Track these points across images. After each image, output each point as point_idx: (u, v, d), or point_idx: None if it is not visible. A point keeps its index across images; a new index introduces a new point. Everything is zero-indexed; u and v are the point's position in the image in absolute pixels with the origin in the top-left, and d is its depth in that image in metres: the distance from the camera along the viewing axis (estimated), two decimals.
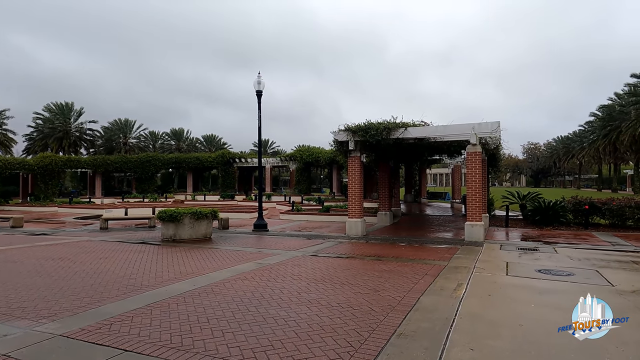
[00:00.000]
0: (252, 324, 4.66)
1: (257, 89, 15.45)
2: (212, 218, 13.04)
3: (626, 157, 52.23)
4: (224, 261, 8.71)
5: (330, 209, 21.39)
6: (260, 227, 15.19)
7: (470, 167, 12.22)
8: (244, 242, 12.18)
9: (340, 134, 13.51)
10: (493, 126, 11.94)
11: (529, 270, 7.83)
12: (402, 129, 12.72)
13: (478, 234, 12.00)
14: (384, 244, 11.67)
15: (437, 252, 10.10)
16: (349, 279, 6.94)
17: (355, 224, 13.58)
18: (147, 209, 26.93)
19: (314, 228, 16.08)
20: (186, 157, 39.89)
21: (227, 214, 21.45)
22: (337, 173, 36.28)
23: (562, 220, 15.25)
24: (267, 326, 4.57)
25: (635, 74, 33.36)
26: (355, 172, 13.64)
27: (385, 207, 17.13)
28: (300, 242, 12.01)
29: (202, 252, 10.10)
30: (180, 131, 75.63)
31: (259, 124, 15.57)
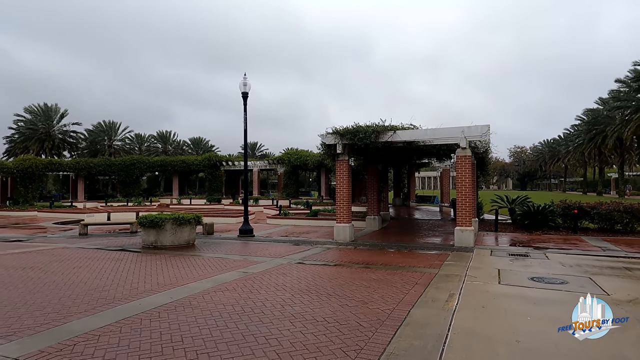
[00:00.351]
0: (231, 343, 4.29)
1: (242, 90, 15.08)
2: (195, 223, 12.60)
3: (610, 160, 53.00)
4: (206, 270, 8.30)
5: (318, 213, 21.05)
6: (245, 233, 14.78)
7: (460, 171, 12.00)
8: (229, 248, 11.76)
9: (328, 137, 13.20)
10: (483, 129, 11.75)
11: (521, 278, 7.59)
12: (390, 133, 12.46)
13: (468, 239, 11.78)
14: (372, 250, 11.36)
15: (427, 259, 9.83)
16: (336, 289, 6.60)
17: (343, 229, 13.26)
18: (130, 213, 26.18)
19: (302, 233, 15.72)
20: (172, 160, 39.19)
21: (212, 218, 20.97)
22: (325, 176, 35.99)
23: (552, 225, 15.14)
24: (246, 346, 4.21)
25: (619, 79, 33.85)
26: (343, 176, 13.33)
27: (374, 212, 16.85)
28: (286, 249, 11.64)
29: (184, 260, 9.67)
30: (166, 134, 74.63)
31: (245, 126, 15.19)
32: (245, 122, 15.15)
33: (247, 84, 15.07)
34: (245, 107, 15.13)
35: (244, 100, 15.12)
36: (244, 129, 15.18)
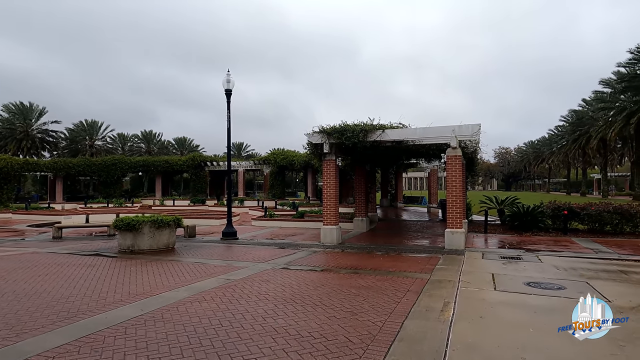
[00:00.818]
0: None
1: (226, 87, 14.52)
2: (175, 226, 11.99)
3: (593, 161, 53.71)
4: (183, 277, 7.75)
5: (304, 215, 20.57)
6: (229, 235, 14.21)
7: (450, 172, 11.66)
8: (210, 252, 11.20)
9: (314, 136, 12.74)
10: (474, 129, 11.43)
11: (517, 283, 7.23)
12: (379, 132, 12.07)
13: (459, 241, 11.44)
14: (360, 254, 10.93)
15: (417, 263, 9.43)
16: (323, 298, 6.13)
17: (330, 231, 12.81)
18: (110, 215, 25.35)
19: (287, 235, 15.22)
20: (154, 160, 38.19)
21: (195, 220, 20.32)
22: (312, 177, 35.51)
23: (541, 226, 14.94)
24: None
25: (603, 80, 34.15)
26: (331, 177, 12.88)
27: (362, 213, 16.44)
28: (271, 252, 11.13)
29: (161, 265, 9.08)
30: (150, 134, 73.24)
31: (228, 125, 14.63)
32: (228, 121, 14.59)
33: (231, 80, 14.51)
34: (228, 104, 14.57)
35: (227, 98, 14.56)
36: (227, 127, 14.62)
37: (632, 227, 14.05)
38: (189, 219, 20.64)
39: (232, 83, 14.60)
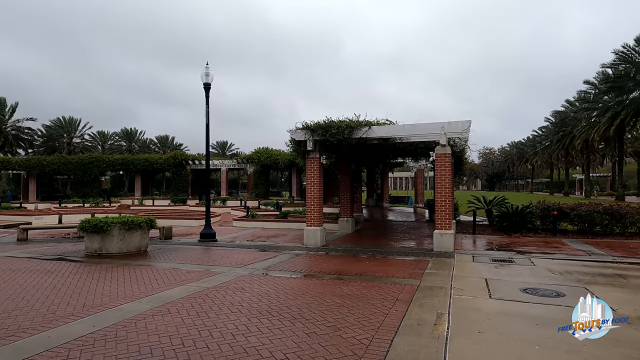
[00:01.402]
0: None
1: (204, 81, 13.77)
2: (147, 228, 11.20)
3: (576, 162, 54.30)
4: (151, 284, 7.03)
5: (288, 215, 19.90)
6: (207, 237, 13.47)
7: (439, 171, 11.16)
8: (185, 256, 10.46)
9: (297, 133, 12.10)
10: (464, 126, 10.94)
11: (513, 289, 6.73)
12: (365, 128, 11.49)
13: (448, 243, 10.94)
14: (345, 257, 10.33)
15: (405, 267, 8.87)
16: (303, 309, 5.50)
17: (314, 233, 12.19)
18: (85, 215, 24.28)
19: (269, 237, 14.54)
20: (134, 159, 36.95)
21: (174, 221, 19.48)
22: (296, 176, 34.83)
23: (530, 227, 14.57)
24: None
25: (588, 81, 34.34)
26: (314, 175, 12.26)
27: (347, 213, 15.87)
28: (250, 255, 10.45)
29: (129, 271, 8.32)
30: (132, 131, 71.54)
31: (207, 120, 13.87)
32: (207, 116, 13.84)
33: (210, 74, 13.77)
34: (207, 99, 13.82)
35: (206, 92, 13.81)
36: (205, 123, 13.87)
37: (621, 227, 13.79)
38: (167, 219, 19.78)
39: (211, 76, 13.86)
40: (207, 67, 13.75)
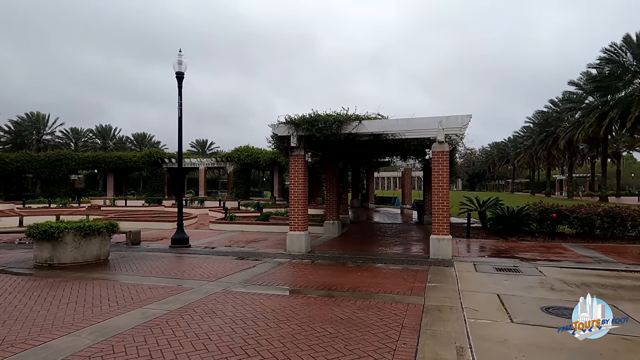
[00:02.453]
0: None
1: (177, 70, 12.44)
2: (108, 233, 9.84)
3: (558, 162, 54.61)
4: (101, 307, 5.75)
5: (269, 217, 18.68)
6: (179, 243, 12.16)
7: (436, 170, 10.15)
8: (151, 266, 9.15)
9: (280, 128, 10.91)
10: (463, 120, 9.95)
11: (533, 309, 5.74)
12: (355, 123, 10.40)
13: (446, 250, 9.94)
14: (334, 266, 9.21)
15: (403, 278, 7.81)
16: (287, 345, 4.33)
17: (298, 238, 11.03)
18: (50, 217, 22.48)
19: (249, 242, 13.30)
20: (106, 156, 34.94)
21: (145, 223, 18.02)
22: (278, 175, 33.55)
23: (527, 230, 13.76)
24: None
25: (572, 81, 34.12)
26: (299, 175, 11.10)
27: (333, 215, 14.75)
28: (226, 265, 9.23)
29: (79, 287, 7.00)
30: (107, 128, 69.00)
31: (180, 113, 12.55)
32: (180, 109, 12.52)
33: (183, 62, 12.45)
34: (180, 90, 12.50)
35: (179, 82, 12.49)
36: (178, 116, 12.55)
37: (622, 230, 13.09)
38: (138, 221, 18.30)
39: (185, 65, 12.54)
40: (179, 54, 12.43)
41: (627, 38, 26.45)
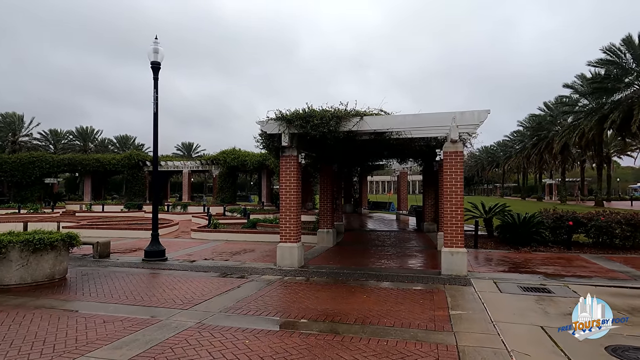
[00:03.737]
0: None
1: (153, 59, 10.99)
2: (65, 247, 8.30)
3: (547, 166, 54.16)
4: (26, 356, 4.27)
5: (256, 224, 17.22)
6: (153, 255, 10.67)
7: (449, 173, 8.87)
8: (115, 287, 7.65)
9: (269, 125, 9.53)
10: (481, 116, 8.71)
11: (596, 350, 4.49)
12: (356, 119, 9.08)
13: (460, 265, 8.66)
14: (333, 286, 7.83)
15: (419, 304, 6.48)
16: None
17: (290, 250, 9.63)
18: (17, 224, 20.64)
19: (234, 253, 11.85)
20: (83, 159, 32.90)
21: (120, 231, 16.41)
22: (266, 179, 32.05)
23: (538, 239, 12.58)
24: None
25: (568, 84, 33.47)
26: (291, 178, 9.72)
27: (327, 224, 13.38)
28: (206, 284, 7.79)
29: (11, 322, 5.49)
30: (88, 130, 66.48)
31: (155, 108, 11.08)
32: (155, 103, 11.05)
33: (159, 50, 11.00)
34: (156, 82, 11.04)
35: (155, 74, 11.03)
36: (153, 111, 11.08)
37: None
38: (112, 229, 16.67)
39: (161, 54, 11.09)
40: (155, 41, 10.97)
41: (627, 39, 25.74)
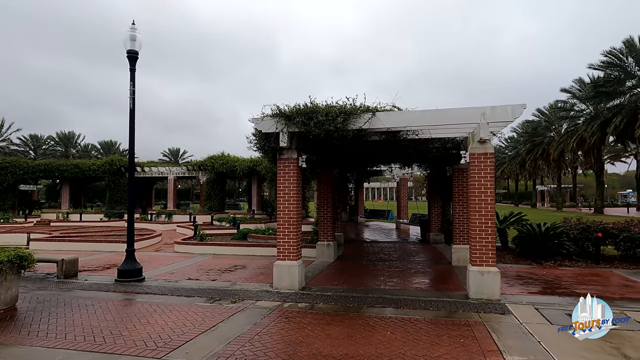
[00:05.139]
0: None
1: (129, 47, 9.52)
2: (13, 270, 6.74)
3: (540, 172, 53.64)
4: None
5: (247, 235, 15.70)
6: (128, 275, 9.13)
7: (477, 179, 7.57)
8: (75, 321, 6.13)
9: (265, 122, 8.11)
10: (515, 112, 7.42)
11: None
12: (368, 115, 7.72)
13: (493, 287, 7.34)
14: (345, 317, 6.40)
15: (460, 343, 5.10)
16: None
17: (289, 270, 8.20)
18: None
19: (223, 271, 10.36)
20: (60, 164, 30.88)
21: (96, 244, 14.76)
22: (257, 186, 30.49)
23: (563, 252, 11.35)
24: None
25: (565, 89, 32.80)
26: (290, 185, 8.32)
27: (328, 235, 11.98)
28: (189, 316, 6.30)
29: None
30: (69, 135, 64.27)
31: (132, 104, 9.58)
32: (132, 98, 9.56)
33: (137, 37, 9.53)
34: (132, 74, 9.57)
35: (132, 64, 9.57)
36: (129, 107, 9.58)
37: None
38: (87, 242, 14.99)
39: (139, 42, 9.63)
40: (132, 27, 9.51)
41: (628, 41, 25.03)
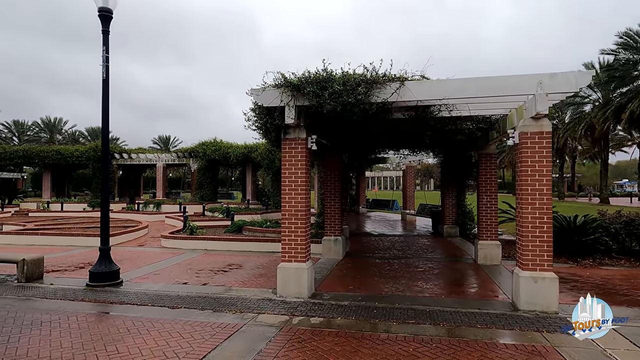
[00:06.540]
0: None
1: (100, 5, 7.87)
2: None
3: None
4: None
5: (243, 228, 14.21)
6: (102, 279, 7.63)
7: (530, 163, 6.16)
8: (23, 349, 4.64)
9: (267, 93, 6.55)
10: (580, 80, 5.96)
11: None
12: (395, 85, 6.22)
13: (550, 297, 5.97)
14: (377, 340, 4.98)
15: None
16: None
17: (297, 274, 6.75)
18: None
19: (216, 271, 8.89)
20: (40, 151, 28.96)
21: (72, 238, 13.16)
22: (252, 174, 28.94)
23: (601, 249, 10.06)
24: None
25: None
26: (298, 171, 6.83)
27: (336, 229, 10.54)
28: (173, 339, 4.85)
29: None
30: (55, 121, 61.90)
31: (106, 73, 7.95)
32: (105, 66, 7.92)
33: None
34: (106, 36, 7.93)
35: (104, 24, 7.92)
36: (102, 77, 7.95)
37: None
38: (63, 236, 13.38)
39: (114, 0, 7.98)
40: None
41: None
